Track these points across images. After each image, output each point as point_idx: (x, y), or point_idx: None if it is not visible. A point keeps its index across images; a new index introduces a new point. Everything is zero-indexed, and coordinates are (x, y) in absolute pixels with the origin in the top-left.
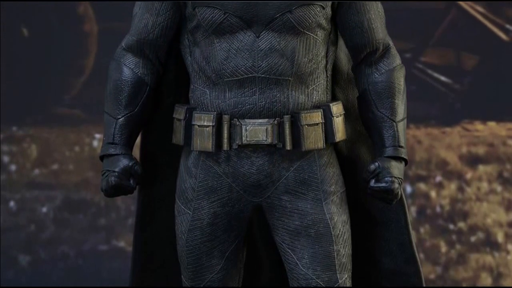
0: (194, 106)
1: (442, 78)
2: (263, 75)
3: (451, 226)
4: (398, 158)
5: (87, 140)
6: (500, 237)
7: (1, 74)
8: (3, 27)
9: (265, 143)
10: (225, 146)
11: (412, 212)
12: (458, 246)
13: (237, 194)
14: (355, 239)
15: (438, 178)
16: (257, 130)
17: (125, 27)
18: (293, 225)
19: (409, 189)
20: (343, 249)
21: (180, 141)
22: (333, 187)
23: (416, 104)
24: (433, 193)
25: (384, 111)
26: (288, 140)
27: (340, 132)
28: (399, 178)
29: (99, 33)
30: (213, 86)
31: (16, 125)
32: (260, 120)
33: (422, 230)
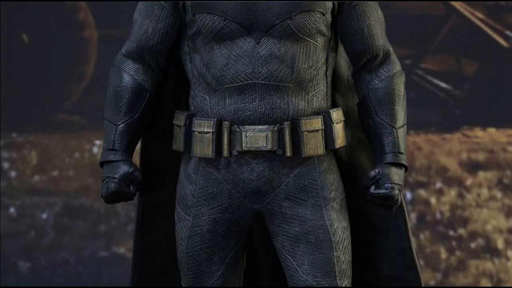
0: (194, 113)
1: (442, 85)
2: (263, 82)
3: (451, 233)
4: (398, 165)
5: (87, 147)
6: (500, 244)
7: (1, 80)
8: (3, 33)
9: (265, 150)
10: (225, 153)
11: (412, 219)
12: (458, 253)
13: (237, 201)
14: (355, 246)
15: (438, 185)
16: (257, 137)
17: (125, 34)
18: (293, 232)
19: (409, 196)
20: (343, 256)
21: (180, 148)
22: (333, 194)
23: (416, 111)
24: (433, 200)
25: (384, 118)
26: (288, 147)
27: (340, 139)
28: (399, 185)
29: (99, 40)
30: (213, 93)
31: (16, 132)
32: (260, 127)
33: (422, 237)
